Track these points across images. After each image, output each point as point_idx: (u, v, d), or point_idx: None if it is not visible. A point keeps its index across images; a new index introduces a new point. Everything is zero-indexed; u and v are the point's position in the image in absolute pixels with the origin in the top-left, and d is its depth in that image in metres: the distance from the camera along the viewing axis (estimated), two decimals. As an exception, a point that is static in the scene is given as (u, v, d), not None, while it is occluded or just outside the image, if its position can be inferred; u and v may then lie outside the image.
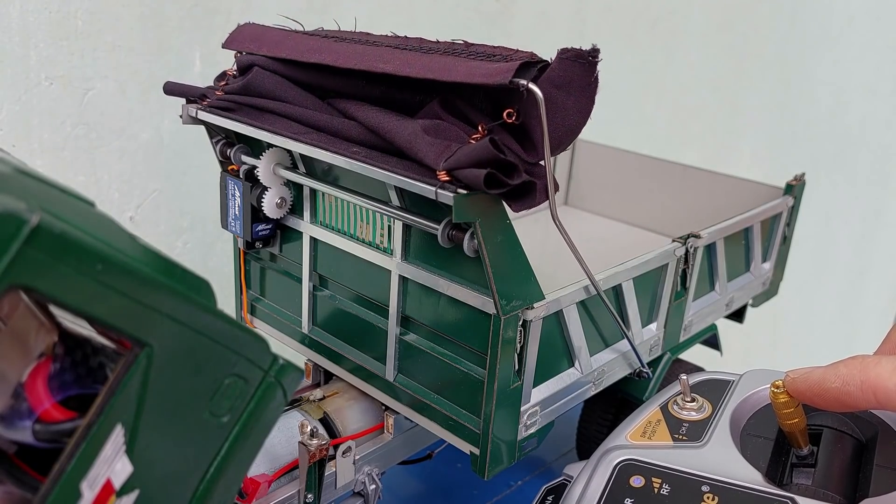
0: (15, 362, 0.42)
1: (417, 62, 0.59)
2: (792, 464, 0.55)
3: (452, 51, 0.60)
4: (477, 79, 0.55)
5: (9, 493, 0.42)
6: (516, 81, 0.53)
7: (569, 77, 0.53)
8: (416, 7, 1.33)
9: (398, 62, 0.60)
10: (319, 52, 0.66)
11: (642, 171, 1.23)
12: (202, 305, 0.42)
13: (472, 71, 0.56)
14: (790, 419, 0.54)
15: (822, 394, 0.50)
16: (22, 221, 0.33)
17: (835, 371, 0.50)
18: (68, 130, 1.00)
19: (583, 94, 0.54)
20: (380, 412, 0.78)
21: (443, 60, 0.58)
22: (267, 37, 0.72)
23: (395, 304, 0.71)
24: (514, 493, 0.96)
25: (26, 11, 0.93)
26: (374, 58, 0.62)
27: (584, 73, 0.53)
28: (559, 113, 0.54)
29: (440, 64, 0.58)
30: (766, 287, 1.09)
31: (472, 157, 0.54)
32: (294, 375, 0.48)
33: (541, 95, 0.53)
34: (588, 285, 0.72)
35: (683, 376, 0.63)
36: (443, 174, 0.55)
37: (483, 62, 0.56)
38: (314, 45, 0.67)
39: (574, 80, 0.53)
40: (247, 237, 0.79)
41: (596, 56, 0.53)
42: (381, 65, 0.61)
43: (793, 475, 0.54)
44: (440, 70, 0.58)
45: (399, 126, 0.60)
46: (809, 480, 0.53)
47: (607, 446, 0.59)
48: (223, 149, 0.78)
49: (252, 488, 0.66)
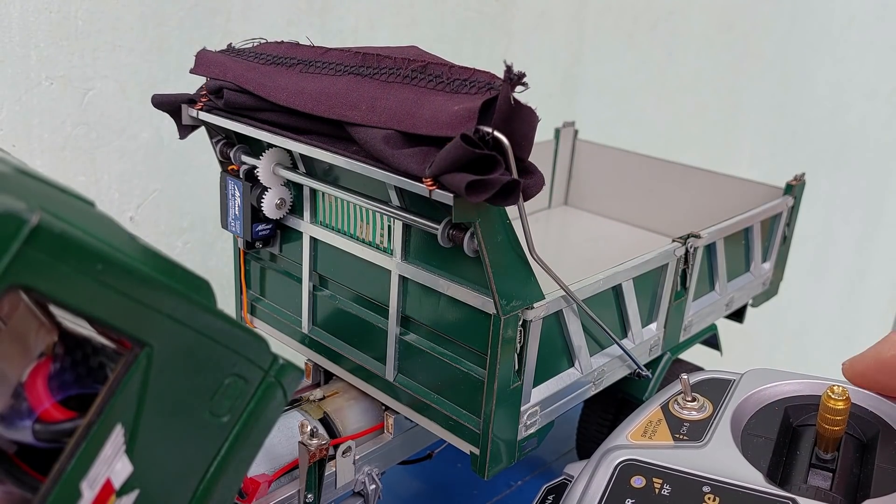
0: (15, 362, 0.42)
1: (382, 105, 0.59)
2: (811, 464, 0.55)
3: (412, 77, 0.60)
4: (441, 130, 0.55)
5: (9, 493, 0.42)
6: (481, 130, 0.53)
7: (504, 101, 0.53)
8: (417, 7, 1.33)
9: (364, 107, 0.60)
10: (286, 92, 0.66)
11: (642, 171, 1.23)
12: (202, 305, 0.42)
13: (436, 117, 0.56)
14: (837, 426, 0.53)
15: (882, 366, 0.50)
16: (22, 221, 0.33)
17: (888, 341, 0.51)
18: (68, 130, 1.00)
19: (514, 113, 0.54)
20: (380, 412, 0.78)
21: (406, 99, 0.59)
22: (231, 66, 0.72)
23: (395, 304, 0.71)
24: (514, 493, 0.96)
25: (26, 11, 0.93)
26: (341, 100, 0.62)
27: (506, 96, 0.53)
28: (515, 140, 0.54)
29: (404, 107, 0.58)
30: (766, 287, 1.09)
31: (450, 159, 0.53)
32: (294, 375, 0.48)
33: (507, 143, 0.53)
34: (588, 285, 0.72)
35: (684, 375, 0.63)
36: (429, 182, 0.55)
37: (446, 97, 0.56)
38: (280, 83, 0.67)
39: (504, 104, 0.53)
40: (247, 237, 0.79)
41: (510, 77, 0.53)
42: (349, 112, 0.61)
43: (809, 475, 0.54)
44: (405, 116, 0.58)
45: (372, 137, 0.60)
46: (828, 484, 0.53)
47: (608, 446, 0.59)
48: (223, 149, 0.78)
49: (252, 488, 0.66)
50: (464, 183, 0.52)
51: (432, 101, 0.57)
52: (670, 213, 1.19)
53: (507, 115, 0.53)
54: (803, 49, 2.36)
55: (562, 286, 0.67)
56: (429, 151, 0.57)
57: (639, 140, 1.62)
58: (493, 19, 1.47)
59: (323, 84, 0.64)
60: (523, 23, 1.52)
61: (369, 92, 0.61)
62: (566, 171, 1.31)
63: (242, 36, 1.11)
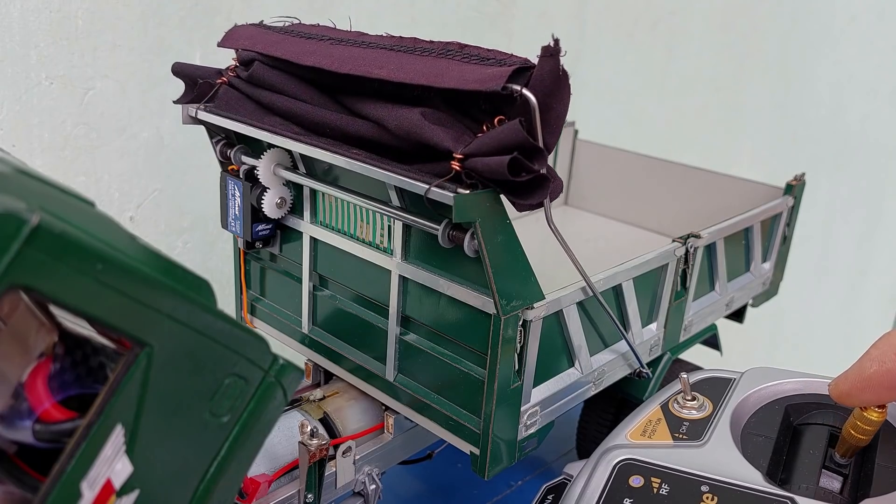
0: (15, 362, 0.42)
1: (411, 67, 0.59)
2: (825, 465, 0.55)
3: (446, 53, 0.60)
4: (470, 85, 0.55)
5: (9, 493, 0.42)
6: (509, 87, 0.53)
7: (544, 74, 0.54)
8: (417, 7, 1.33)
9: (392, 66, 0.60)
10: (314, 56, 0.66)
11: (642, 171, 1.22)
12: (202, 305, 0.42)
13: (464, 76, 0.56)
14: (867, 435, 0.53)
15: (866, 384, 0.49)
16: (22, 221, 0.33)
17: (867, 357, 0.50)
18: (68, 130, 1.00)
19: (557, 86, 0.54)
20: (380, 412, 0.78)
21: (436, 64, 0.59)
22: (261, 37, 0.72)
23: (395, 304, 0.71)
24: (514, 493, 0.96)
25: (27, 11, 0.93)
26: (368, 62, 0.62)
27: (554, 67, 0.53)
28: (548, 113, 0.55)
29: (433, 68, 0.58)
30: (766, 287, 1.09)
31: (499, 141, 0.54)
32: (294, 375, 0.48)
33: (534, 101, 0.53)
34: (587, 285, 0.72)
35: (684, 375, 0.63)
36: (456, 163, 0.55)
37: (477, 66, 0.56)
38: (309, 48, 0.67)
39: (548, 77, 0.54)
40: (247, 237, 0.79)
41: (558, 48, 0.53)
42: (376, 70, 0.61)
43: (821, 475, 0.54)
44: (433, 75, 0.58)
45: (406, 113, 0.60)
46: (838, 486, 0.53)
47: (607, 445, 0.59)
48: (223, 149, 0.78)
49: (252, 488, 0.66)
50: (506, 161, 0.52)
51: (463, 67, 0.57)
52: (670, 213, 1.19)
53: (548, 88, 0.54)
54: (804, 49, 2.35)
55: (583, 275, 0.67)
56: (465, 132, 0.57)
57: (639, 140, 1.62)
58: (494, 19, 1.47)
59: (352, 51, 0.65)
60: (523, 23, 1.52)
61: (399, 58, 0.61)
62: (566, 170, 1.31)
63: (242, 36, 1.11)
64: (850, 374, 0.51)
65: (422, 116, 0.58)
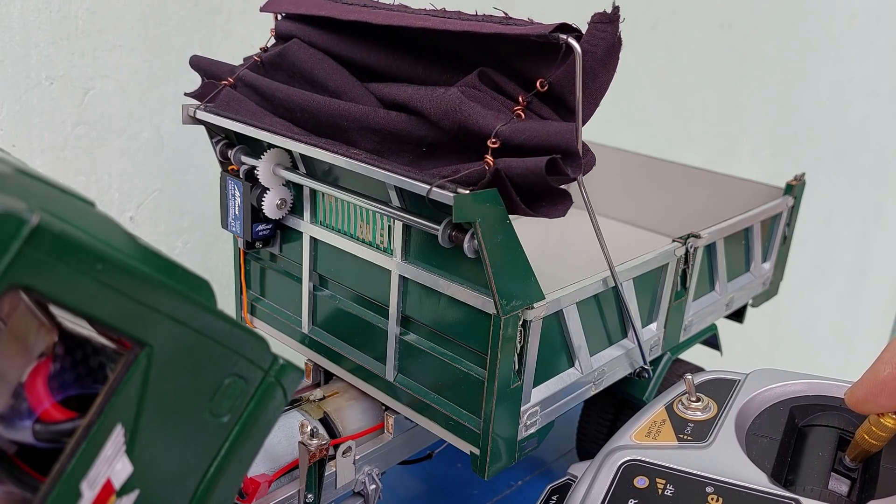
0: (15, 362, 0.42)
1: (454, 23, 0.61)
2: (834, 468, 0.55)
3: (490, 20, 0.61)
4: (515, 30, 0.57)
5: (9, 493, 0.42)
6: (556, 35, 0.54)
7: (597, 40, 0.55)
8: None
9: (436, 22, 0.62)
10: (359, 13, 0.67)
11: (643, 171, 1.22)
12: (202, 305, 0.42)
13: (509, 29, 0.58)
14: (880, 441, 0.53)
15: (882, 387, 0.49)
16: (22, 221, 0.33)
17: (881, 361, 0.49)
18: (68, 130, 1.00)
19: (609, 55, 0.56)
20: (380, 412, 0.78)
21: (480, 23, 0.60)
22: (305, 0, 0.72)
23: (395, 304, 0.71)
24: (514, 493, 0.96)
25: (27, 11, 0.93)
26: (412, 19, 0.64)
27: (610, 34, 0.55)
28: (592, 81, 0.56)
29: (477, 24, 0.60)
30: (766, 287, 1.09)
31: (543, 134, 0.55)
32: (294, 375, 0.48)
33: (579, 50, 0.54)
34: (587, 285, 0.72)
35: (689, 376, 0.63)
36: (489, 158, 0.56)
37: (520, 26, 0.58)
38: (352, 10, 0.69)
39: (601, 43, 0.55)
40: (247, 237, 0.79)
41: (617, 14, 0.54)
42: (420, 22, 0.63)
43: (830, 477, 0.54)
44: (478, 25, 0.60)
45: (444, 93, 0.60)
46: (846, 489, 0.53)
47: (612, 446, 0.58)
48: (223, 149, 0.78)
49: (252, 488, 0.66)
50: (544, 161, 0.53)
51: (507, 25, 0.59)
52: (670, 213, 1.19)
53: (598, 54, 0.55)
54: (804, 49, 2.35)
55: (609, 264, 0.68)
56: (502, 111, 0.58)
57: (639, 140, 1.62)
58: (494, 19, 1.47)
59: (395, 14, 0.66)
60: (523, 23, 1.52)
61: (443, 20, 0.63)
62: (566, 170, 1.30)
63: (243, 36, 1.11)
64: (865, 380, 0.50)
65: (461, 94, 0.58)
